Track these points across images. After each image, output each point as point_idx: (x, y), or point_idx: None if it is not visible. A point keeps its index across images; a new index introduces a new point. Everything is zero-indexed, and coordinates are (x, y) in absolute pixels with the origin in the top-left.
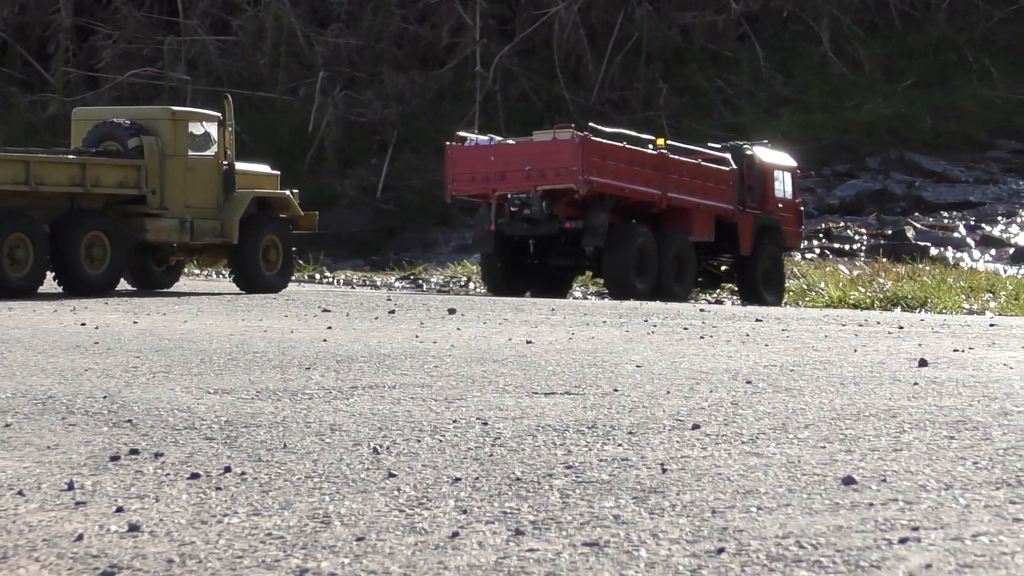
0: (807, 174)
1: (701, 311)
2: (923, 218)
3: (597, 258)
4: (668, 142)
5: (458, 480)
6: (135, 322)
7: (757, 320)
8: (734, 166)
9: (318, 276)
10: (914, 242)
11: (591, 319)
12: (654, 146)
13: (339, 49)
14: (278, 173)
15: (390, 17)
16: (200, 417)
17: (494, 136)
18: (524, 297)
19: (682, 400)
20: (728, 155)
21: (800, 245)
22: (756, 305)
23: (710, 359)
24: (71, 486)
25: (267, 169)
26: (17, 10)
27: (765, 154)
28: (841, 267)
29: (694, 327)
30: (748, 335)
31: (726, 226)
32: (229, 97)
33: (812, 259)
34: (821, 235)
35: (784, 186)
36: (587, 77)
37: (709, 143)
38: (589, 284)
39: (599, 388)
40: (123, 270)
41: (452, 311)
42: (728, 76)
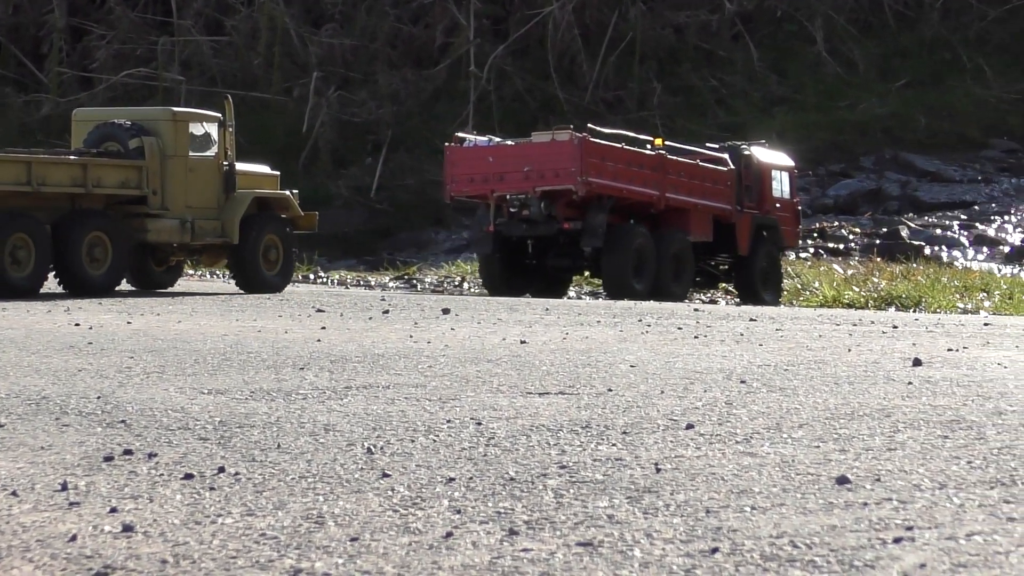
0: (804, 174)
1: (695, 311)
2: (917, 217)
3: (596, 259)
4: (666, 142)
5: (452, 480)
6: (129, 322)
7: (751, 320)
8: (732, 166)
9: (312, 276)
10: (908, 241)
11: (585, 319)
12: (652, 147)
13: (333, 49)
14: (278, 173)
15: (384, 17)
16: (194, 417)
17: (493, 137)
18: (522, 297)
19: (676, 400)
20: (726, 155)
21: (798, 245)
22: (754, 305)
23: (704, 359)
24: (65, 487)
25: (267, 169)
26: (11, 10)
27: (763, 154)
28: (835, 267)
29: (688, 327)
30: (742, 335)
31: (724, 226)
32: (229, 98)
33: (806, 258)
34: (815, 234)
35: (782, 186)
36: (581, 77)
37: (707, 143)
38: (583, 284)
39: (593, 388)
40: (125, 270)
41: (446, 311)
42: (722, 76)
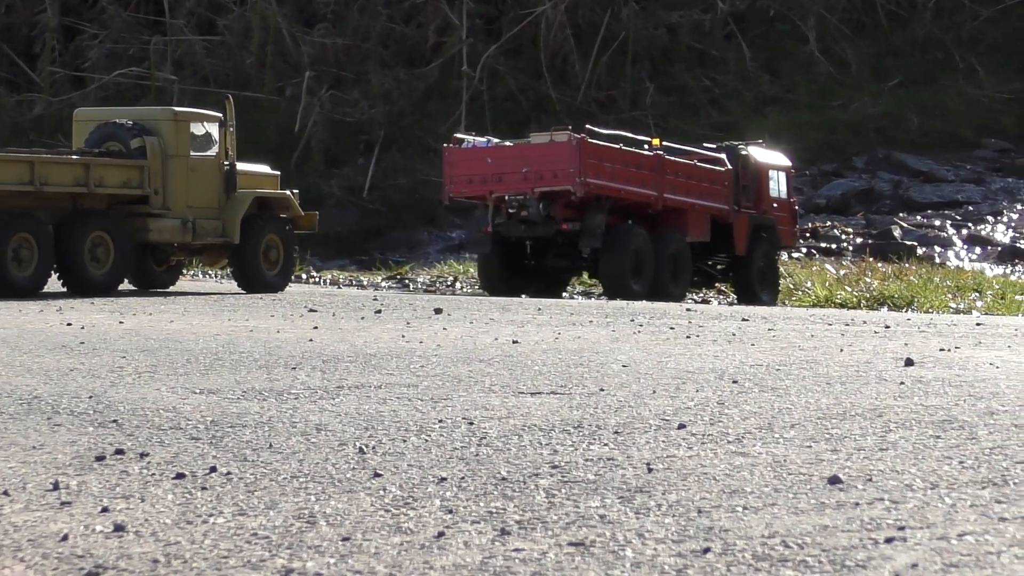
0: (799, 173)
1: (688, 311)
2: (910, 217)
3: (594, 259)
4: (664, 143)
5: (444, 480)
6: (121, 322)
7: (743, 320)
8: (729, 166)
9: (305, 276)
10: (901, 241)
11: (578, 319)
12: (650, 147)
13: (325, 49)
14: (278, 173)
15: (376, 17)
16: (186, 417)
17: (491, 138)
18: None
19: (668, 400)
20: (723, 155)
21: (795, 244)
22: (751, 305)
23: (696, 359)
24: (56, 486)
25: (267, 169)
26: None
27: (760, 154)
28: (828, 266)
29: (680, 327)
30: (734, 335)
31: (721, 226)
32: (230, 98)
33: (799, 258)
34: (808, 234)
35: (779, 186)
36: (574, 77)
37: (704, 143)
38: (576, 284)
39: (585, 388)
40: (127, 270)
41: (439, 311)
42: (715, 75)
